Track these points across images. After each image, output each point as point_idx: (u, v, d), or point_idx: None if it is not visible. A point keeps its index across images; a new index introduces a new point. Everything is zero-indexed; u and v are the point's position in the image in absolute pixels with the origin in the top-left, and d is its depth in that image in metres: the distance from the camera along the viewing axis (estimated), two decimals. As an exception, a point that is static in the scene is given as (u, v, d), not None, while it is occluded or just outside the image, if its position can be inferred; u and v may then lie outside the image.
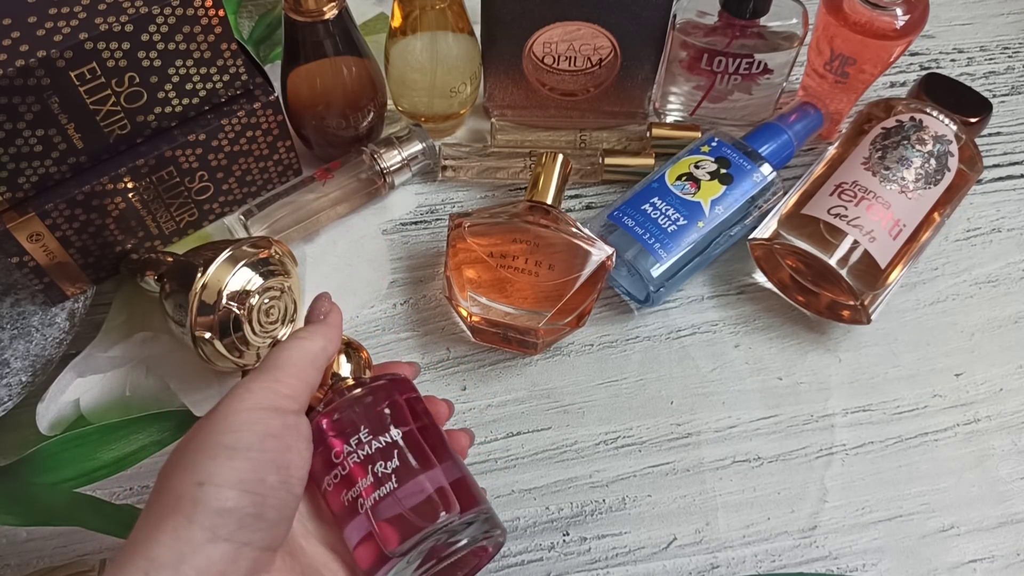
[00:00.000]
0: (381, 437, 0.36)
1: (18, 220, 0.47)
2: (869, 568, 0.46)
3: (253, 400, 0.33)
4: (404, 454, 0.36)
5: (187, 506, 0.30)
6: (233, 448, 0.31)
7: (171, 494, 0.30)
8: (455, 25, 0.55)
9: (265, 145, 0.55)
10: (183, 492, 0.30)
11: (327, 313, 0.39)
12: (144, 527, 0.30)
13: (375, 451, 0.36)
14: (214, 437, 0.32)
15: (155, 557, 0.29)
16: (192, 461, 0.31)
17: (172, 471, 0.31)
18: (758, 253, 0.56)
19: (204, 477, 0.30)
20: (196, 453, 0.31)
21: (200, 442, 0.32)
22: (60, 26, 0.42)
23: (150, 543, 0.29)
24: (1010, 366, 0.53)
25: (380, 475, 0.35)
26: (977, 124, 0.57)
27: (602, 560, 0.47)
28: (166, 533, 0.29)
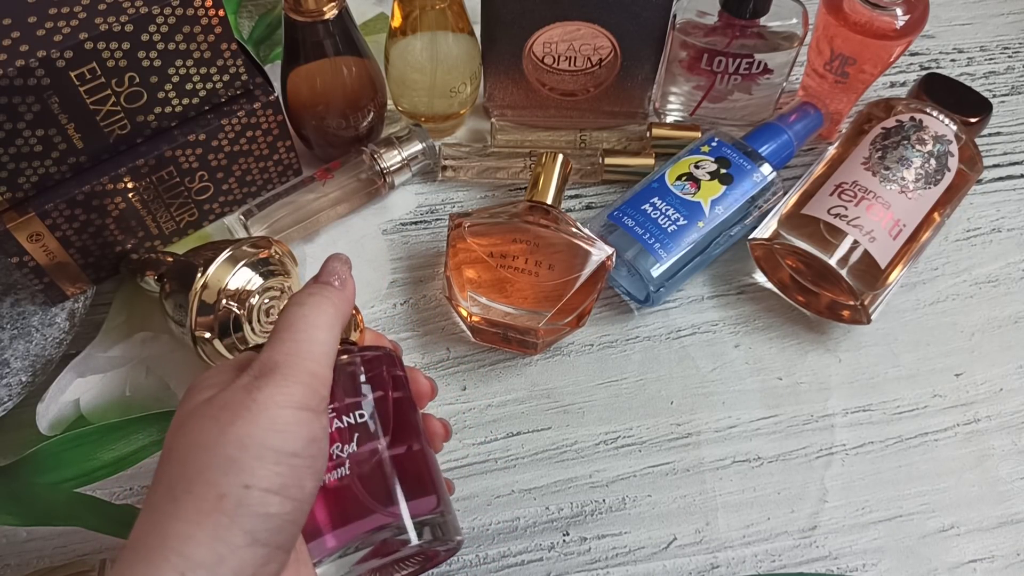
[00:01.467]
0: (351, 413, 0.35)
1: (18, 220, 0.47)
2: (869, 568, 0.46)
3: (296, 398, 0.31)
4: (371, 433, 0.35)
5: (230, 507, 0.28)
6: (280, 452, 0.30)
7: (213, 491, 0.29)
8: (455, 25, 0.55)
9: (265, 145, 0.55)
10: (227, 492, 0.29)
11: (343, 281, 0.36)
12: (176, 520, 0.28)
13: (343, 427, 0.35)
14: (259, 435, 0.30)
15: (192, 556, 0.28)
16: (236, 458, 0.29)
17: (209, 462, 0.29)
18: (758, 253, 0.56)
19: (251, 480, 0.29)
20: (241, 450, 0.29)
21: (244, 437, 0.30)
22: (60, 26, 0.42)
23: (187, 541, 0.28)
24: (1010, 366, 0.53)
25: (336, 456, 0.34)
26: (977, 124, 0.57)
27: (602, 560, 0.47)
28: (206, 533, 0.28)
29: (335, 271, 0.36)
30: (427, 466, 0.37)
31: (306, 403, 0.31)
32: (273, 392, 0.31)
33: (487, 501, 0.48)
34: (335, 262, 0.36)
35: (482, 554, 0.47)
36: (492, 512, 0.48)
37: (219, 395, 0.31)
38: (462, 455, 0.50)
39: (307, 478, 0.31)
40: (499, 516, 0.48)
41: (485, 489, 0.48)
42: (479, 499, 0.48)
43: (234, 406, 0.30)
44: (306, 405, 0.31)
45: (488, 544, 0.47)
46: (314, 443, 0.31)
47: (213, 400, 0.31)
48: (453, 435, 0.50)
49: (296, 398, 0.31)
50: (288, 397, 0.31)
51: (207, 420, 0.30)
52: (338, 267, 0.36)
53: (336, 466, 0.34)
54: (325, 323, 0.33)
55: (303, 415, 0.31)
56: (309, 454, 0.31)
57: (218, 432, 0.30)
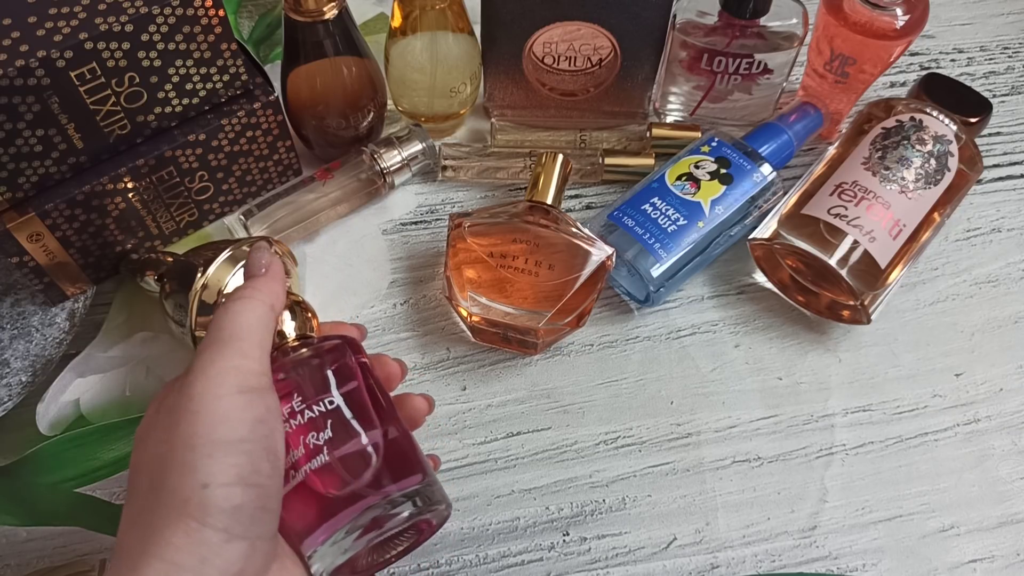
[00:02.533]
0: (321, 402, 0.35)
1: (18, 220, 0.47)
2: (869, 568, 0.46)
3: (232, 382, 0.31)
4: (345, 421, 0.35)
5: (195, 510, 0.29)
6: (228, 443, 0.30)
7: (175, 497, 0.29)
8: (455, 25, 0.55)
9: (265, 145, 0.55)
10: (188, 495, 0.29)
11: (267, 265, 0.36)
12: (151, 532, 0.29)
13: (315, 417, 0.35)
14: (203, 431, 0.30)
15: (177, 561, 0.28)
16: (188, 460, 0.30)
17: (167, 469, 0.30)
18: (758, 253, 0.56)
19: (207, 478, 0.29)
20: (189, 451, 0.30)
21: (190, 436, 0.30)
22: (60, 26, 0.42)
23: (165, 546, 0.29)
24: (1010, 366, 0.53)
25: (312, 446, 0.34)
26: (977, 124, 0.57)
27: (602, 560, 0.47)
28: (180, 536, 0.29)
29: (256, 262, 0.37)
30: (410, 447, 0.37)
31: (242, 385, 0.31)
32: (206, 384, 0.31)
33: (487, 501, 0.48)
34: (254, 255, 0.37)
35: (482, 554, 0.47)
36: (492, 512, 0.48)
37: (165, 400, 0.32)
38: (462, 455, 0.50)
39: (262, 460, 0.31)
40: (499, 516, 0.48)
41: (485, 489, 0.48)
42: (479, 499, 0.48)
43: (176, 408, 0.31)
44: (242, 387, 0.31)
45: (488, 544, 0.47)
46: (261, 424, 0.31)
47: (161, 406, 0.32)
48: (453, 435, 0.50)
49: (230, 383, 0.31)
50: (221, 385, 0.31)
51: (158, 429, 0.32)
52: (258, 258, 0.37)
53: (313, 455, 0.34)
54: (248, 307, 0.34)
55: (241, 399, 0.31)
56: (259, 435, 0.31)
57: (167, 438, 0.31)
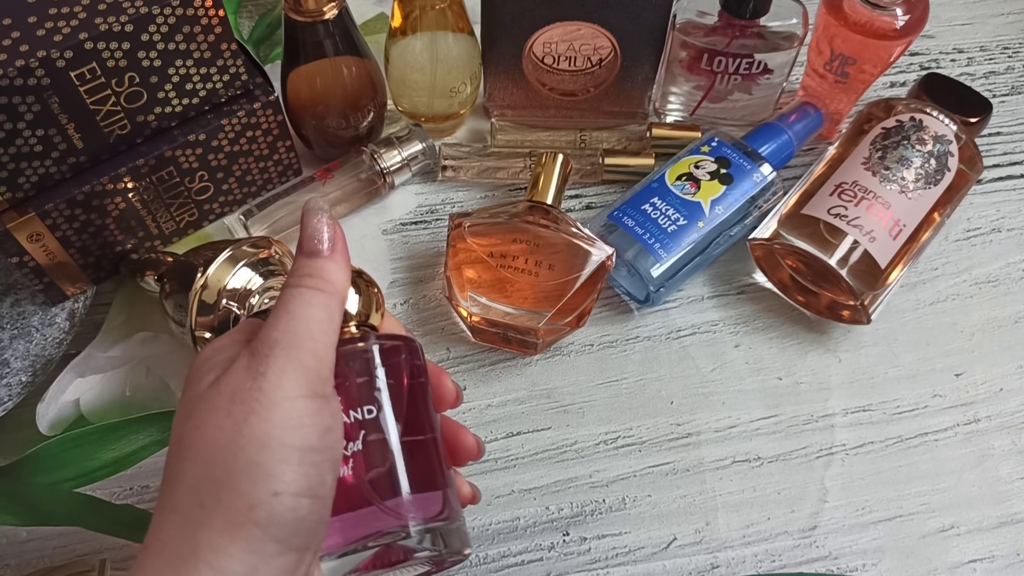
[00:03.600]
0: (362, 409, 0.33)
1: (18, 220, 0.47)
2: (869, 568, 0.46)
3: (304, 386, 0.29)
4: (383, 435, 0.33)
5: (263, 518, 0.27)
6: (301, 450, 0.28)
7: (243, 501, 0.27)
8: (455, 25, 0.55)
9: (265, 145, 0.55)
10: (258, 502, 0.27)
11: (332, 241, 0.32)
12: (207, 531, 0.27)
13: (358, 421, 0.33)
14: (278, 433, 0.28)
15: (225, 568, 0.27)
16: (261, 463, 0.28)
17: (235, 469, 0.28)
18: (758, 253, 0.56)
19: (280, 486, 0.28)
20: (262, 451, 0.28)
21: (262, 437, 0.28)
22: (60, 26, 0.42)
23: (219, 553, 0.27)
24: (1010, 366, 0.53)
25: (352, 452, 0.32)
26: (977, 124, 0.57)
27: (602, 560, 0.47)
28: (238, 545, 0.27)
29: (317, 233, 0.32)
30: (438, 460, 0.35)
31: (314, 390, 0.30)
32: (280, 380, 0.29)
33: (487, 501, 0.48)
34: (312, 219, 0.32)
35: (482, 554, 0.47)
36: (492, 512, 0.48)
37: (224, 378, 0.29)
38: (462, 455, 0.50)
39: (327, 472, 0.29)
40: (499, 516, 0.48)
41: (485, 489, 0.48)
42: (479, 499, 0.48)
43: (243, 395, 0.29)
44: (315, 392, 0.30)
45: (488, 544, 0.47)
46: (329, 433, 0.30)
47: (220, 385, 0.29)
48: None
49: (302, 385, 0.29)
50: (296, 386, 0.29)
51: (219, 413, 0.29)
52: (320, 226, 0.32)
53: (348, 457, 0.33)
54: (321, 304, 0.31)
55: (314, 404, 0.29)
56: (326, 446, 0.29)
57: (234, 430, 0.28)
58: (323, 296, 0.31)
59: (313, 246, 0.32)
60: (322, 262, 0.31)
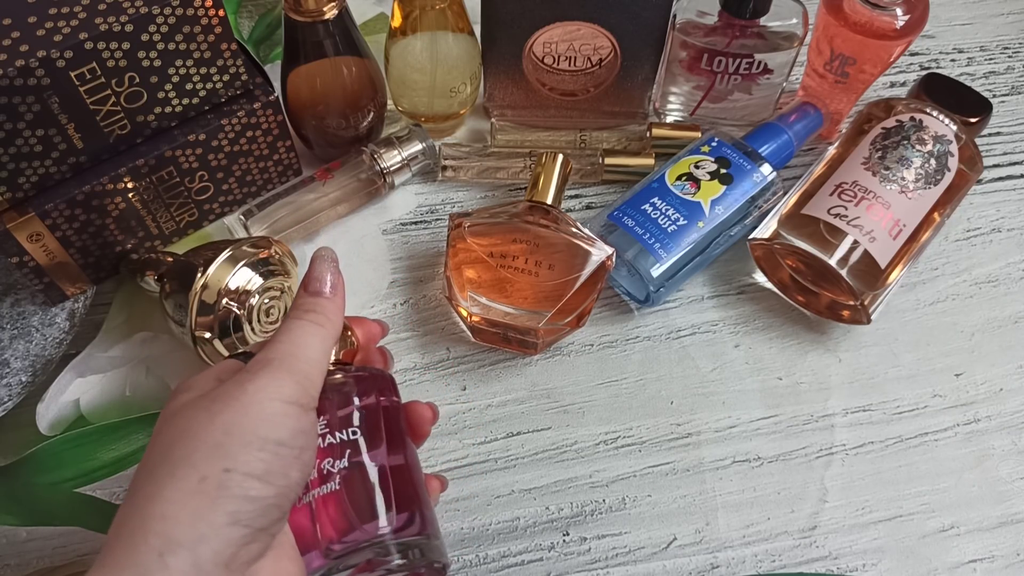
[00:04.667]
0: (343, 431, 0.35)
1: (18, 220, 0.47)
2: (869, 568, 0.46)
3: (287, 393, 0.32)
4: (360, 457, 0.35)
5: (212, 489, 0.29)
6: (266, 440, 0.30)
7: (195, 473, 0.29)
8: (455, 25, 0.55)
9: (265, 145, 0.55)
10: (208, 474, 0.29)
11: (334, 286, 0.36)
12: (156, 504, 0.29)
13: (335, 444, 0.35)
14: (248, 424, 0.30)
15: (173, 537, 0.28)
16: (223, 445, 0.30)
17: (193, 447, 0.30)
18: (758, 253, 0.56)
19: (233, 464, 0.30)
20: (227, 436, 0.30)
21: (231, 426, 0.30)
22: (60, 26, 0.42)
23: (167, 521, 0.29)
24: (1010, 366, 0.53)
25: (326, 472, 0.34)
26: (977, 124, 0.57)
27: (602, 560, 0.47)
28: (186, 512, 0.29)
29: (322, 276, 0.35)
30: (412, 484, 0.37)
31: (296, 398, 0.32)
32: (264, 384, 0.31)
33: (487, 501, 0.48)
34: (321, 265, 0.36)
35: (482, 554, 0.47)
36: (492, 512, 0.48)
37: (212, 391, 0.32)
38: (462, 455, 0.50)
39: (292, 468, 0.31)
40: (499, 516, 0.48)
41: (485, 489, 0.48)
42: (479, 499, 0.48)
43: (224, 397, 0.31)
44: (295, 400, 0.32)
45: (488, 544, 0.47)
46: (302, 435, 0.32)
47: (206, 394, 0.32)
48: (453, 435, 0.50)
49: (286, 392, 0.32)
50: (278, 390, 0.31)
51: (198, 410, 0.31)
52: (325, 271, 0.35)
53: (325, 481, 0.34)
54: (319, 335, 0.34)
55: (292, 408, 0.32)
56: (296, 445, 0.31)
57: (207, 420, 0.31)
58: (321, 330, 0.34)
59: (317, 287, 0.35)
60: (323, 301, 0.35)
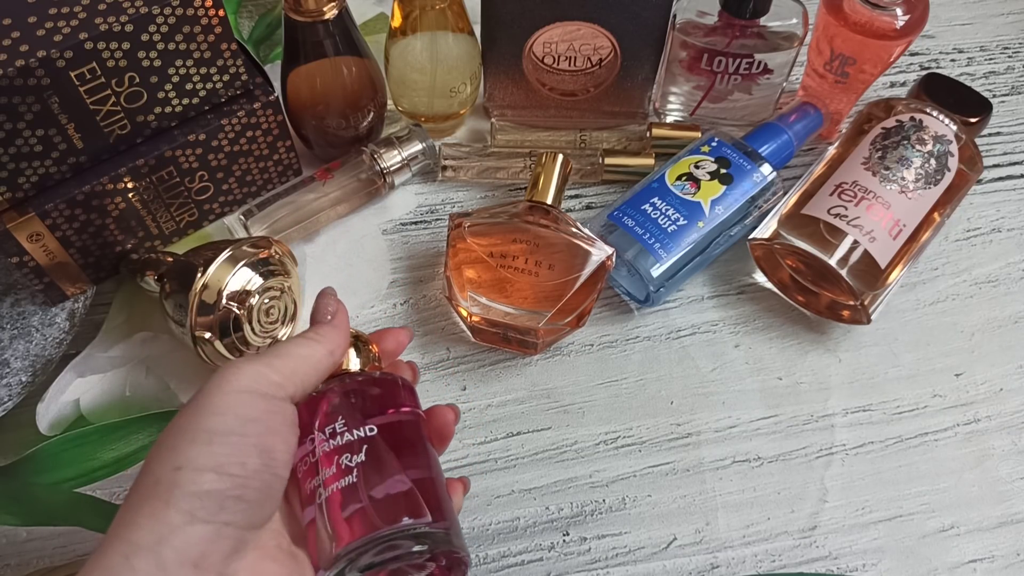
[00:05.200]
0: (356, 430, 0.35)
1: (18, 220, 0.47)
2: (869, 568, 0.46)
3: (238, 383, 0.33)
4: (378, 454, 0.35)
5: (164, 490, 0.30)
6: (213, 432, 0.31)
7: (150, 478, 0.31)
8: (455, 25, 0.55)
9: (265, 145, 0.55)
10: (161, 476, 0.30)
11: (334, 314, 0.38)
12: (125, 512, 0.30)
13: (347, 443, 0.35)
14: (196, 420, 0.32)
15: (134, 540, 0.29)
16: (173, 445, 0.31)
17: (154, 456, 0.31)
18: (758, 253, 0.56)
19: (182, 461, 0.30)
20: (177, 437, 0.31)
21: (182, 426, 0.32)
22: (60, 26, 0.42)
23: (130, 527, 0.30)
24: (1010, 366, 0.53)
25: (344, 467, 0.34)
26: (977, 124, 0.57)
27: (602, 560, 0.47)
28: (144, 516, 0.30)
29: (324, 308, 0.38)
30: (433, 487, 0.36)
31: (249, 387, 0.33)
32: (218, 379, 0.33)
33: (487, 501, 0.48)
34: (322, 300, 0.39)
35: (482, 554, 0.47)
36: (492, 512, 0.48)
37: None
38: (462, 455, 0.50)
39: (248, 455, 0.32)
40: (499, 516, 0.48)
41: (485, 489, 0.48)
42: (479, 499, 0.48)
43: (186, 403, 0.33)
44: (249, 389, 0.33)
45: (488, 544, 0.47)
46: (255, 423, 0.32)
47: None
48: (453, 435, 0.50)
49: (238, 383, 0.33)
50: (229, 383, 0.33)
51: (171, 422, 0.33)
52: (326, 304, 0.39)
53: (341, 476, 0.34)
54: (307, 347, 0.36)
55: (243, 397, 0.33)
56: (249, 432, 0.32)
57: (169, 427, 0.32)
58: (310, 343, 0.36)
59: (321, 316, 0.38)
60: (324, 326, 0.38)
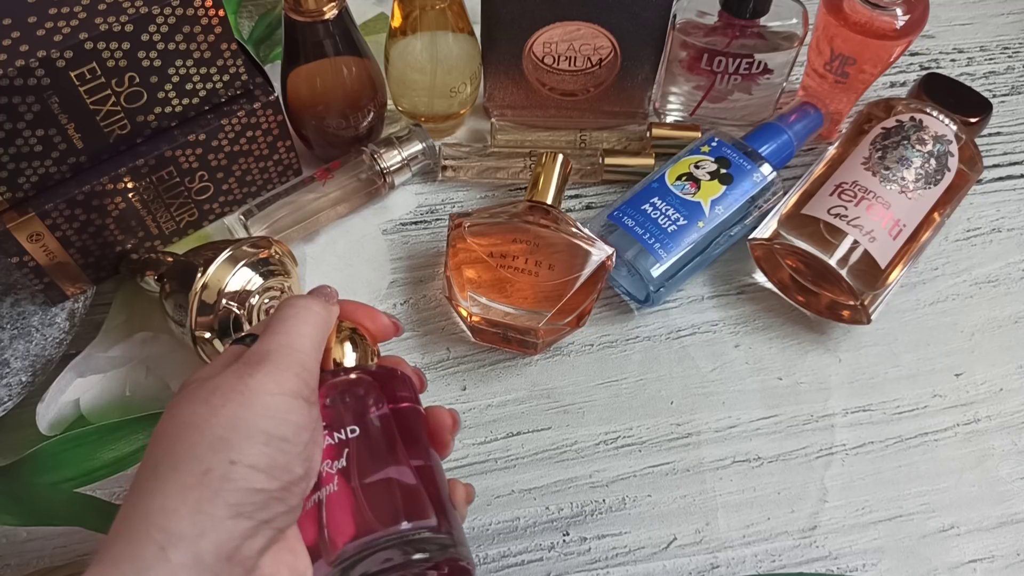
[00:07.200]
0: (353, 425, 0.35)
1: (18, 220, 0.47)
2: (869, 568, 0.46)
3: (289, 387, 0.32)
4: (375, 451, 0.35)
5: (215, 480, 0.29)
6: (271, 435, 0.30)
7: (199, 466, 0.29)
8: (455, 25, 0.55)
9: (265, 145, 0.55)
10: (213, 466, 0.29)
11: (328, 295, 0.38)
12: (158, 496, 0.29)
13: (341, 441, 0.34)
14: (251, 418, 0.30)
15: (174, 531, 0.28)
16: (226, 438, 0.30)
17: (197, 441, 0.30)
18: (758, 253, 0.56)
19: (238, 456, 0.29)
20: (231, 430, 0.30)
21: (235, 419, 0.30)
22: (60, 26, 0.42)
23: (169, 515, 0.28)
24: (1010, 366, 0.53)
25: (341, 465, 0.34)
26: (977, 124, 0.57)
27: (602, 560, 0.47)
28: (188, 506, 0.28)
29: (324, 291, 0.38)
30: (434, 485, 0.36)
31: (298, 392, 0.32)
32: (265, 380, 0.31)
33: (487, 501, 0.48)
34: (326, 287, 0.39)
35: (482, 554, 0.47)
36: (492, 512, 0.48)
37: (210, 380, 0.32)
38: (462, 455, 0.50)
39: (296, 463, 0.31)
40: (499, 516, 0.48)
41: (485, 489, 0.48)
42: (479, 499, 0.48)
43: (225, 389, 0.31)
44: (298, 394, 0.32)
45: (488, 544, 0.47)
46: (304, 431, 0.32)
47: (204, 383, 0.32)
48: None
49: (288, 386, 0.32)
50: (279, 385, 0.32)
51: (198, 403, 0.31)
52: (328, 290, 0.39)
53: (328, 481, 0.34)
54: (312, 322, 0.35)
55: (295, 403, 0.32)
56: (299, 440, 0.31)
57: (209, 413, 0.30)
58: (305, 312, 0.35)
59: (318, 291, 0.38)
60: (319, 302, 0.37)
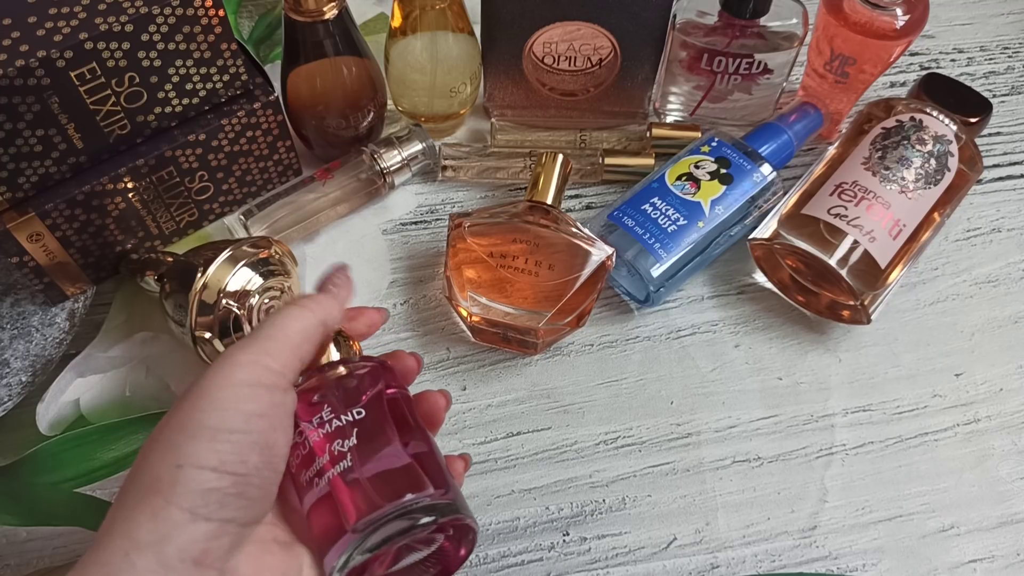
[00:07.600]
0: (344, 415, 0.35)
1: (18, 220, 0.47)
2: (869, 568, 0.46)
3: (241, 375, 0.31)
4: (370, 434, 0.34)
5: (166, 488, 0.29)
6: (216, 429, 0.30)
7: (149, 474, 0.30)
8: (455, 25, 0.55)
9: (265, 145, 0.55)
10: (161, 473, 0.29)
11: (338, 287, 0.37)
12: (122, 508, 0.30)
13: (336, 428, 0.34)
14: (197, 416, 0.30)
15: (136, 538, 0.28)
16: (172, 441, 0.30)
17: (151, 451, 0.30)
18: (758, 253, 0.56)
19: (184, 459, 0.29)
20: (177, 433, 0.30)
21: (181, 421, 0.30)
22: (60, 26, 0.42)
23: (129, 523, 0.29)
24: (1010, 366, 0.53)
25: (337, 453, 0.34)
26: (977, 124, 0.57)
27: (602, 560, 0.47)
28: (145, 514, 0.29)
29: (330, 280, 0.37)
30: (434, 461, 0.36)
31: (251, 380, 0.32)
32: (216, 374, 0.31)
33: (487, 501, 0.48)
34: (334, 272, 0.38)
35: (482, 554, 0.47)
36: (492, 512, 0.48)
37: None
38: (462, 455, 0.50)
39: (249, 452, 0.31)
40: (499, 516, 0.48)
41: (485, 489, 0.48)
42: (479, 499, 0.48)
43: (186, 392, 0.31)
44: (251, 382, 0.32)
45: (488, 544, 0.47)
46: (259, 418, 0.31)
47: None
48: (453, 435, 0.50)
49: (239, 375, 0.32)
50: (229, 376, 0.31)
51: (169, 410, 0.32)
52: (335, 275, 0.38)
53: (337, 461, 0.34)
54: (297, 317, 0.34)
55: (245, 391, 0.31)
56: (253, 428, 0.31)
57: (167, 419, 0.31)
58: (300, 311, 0.35)
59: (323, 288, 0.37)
60: (321, 295, 0.36)
